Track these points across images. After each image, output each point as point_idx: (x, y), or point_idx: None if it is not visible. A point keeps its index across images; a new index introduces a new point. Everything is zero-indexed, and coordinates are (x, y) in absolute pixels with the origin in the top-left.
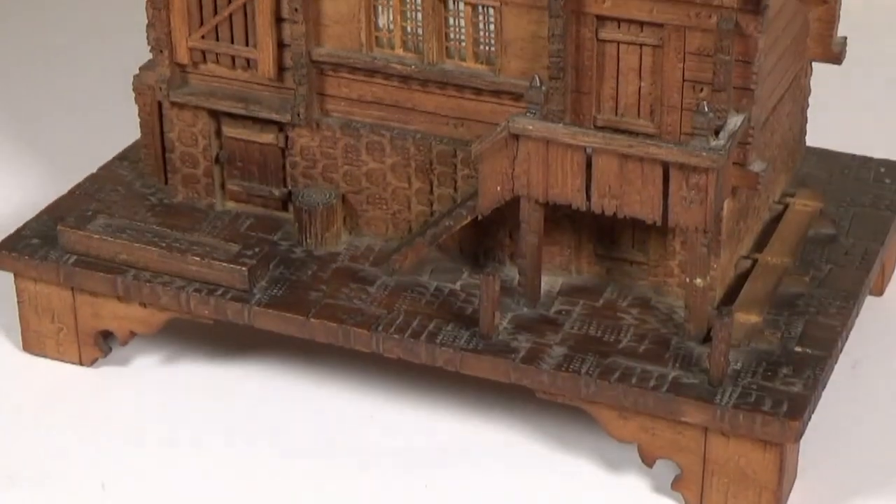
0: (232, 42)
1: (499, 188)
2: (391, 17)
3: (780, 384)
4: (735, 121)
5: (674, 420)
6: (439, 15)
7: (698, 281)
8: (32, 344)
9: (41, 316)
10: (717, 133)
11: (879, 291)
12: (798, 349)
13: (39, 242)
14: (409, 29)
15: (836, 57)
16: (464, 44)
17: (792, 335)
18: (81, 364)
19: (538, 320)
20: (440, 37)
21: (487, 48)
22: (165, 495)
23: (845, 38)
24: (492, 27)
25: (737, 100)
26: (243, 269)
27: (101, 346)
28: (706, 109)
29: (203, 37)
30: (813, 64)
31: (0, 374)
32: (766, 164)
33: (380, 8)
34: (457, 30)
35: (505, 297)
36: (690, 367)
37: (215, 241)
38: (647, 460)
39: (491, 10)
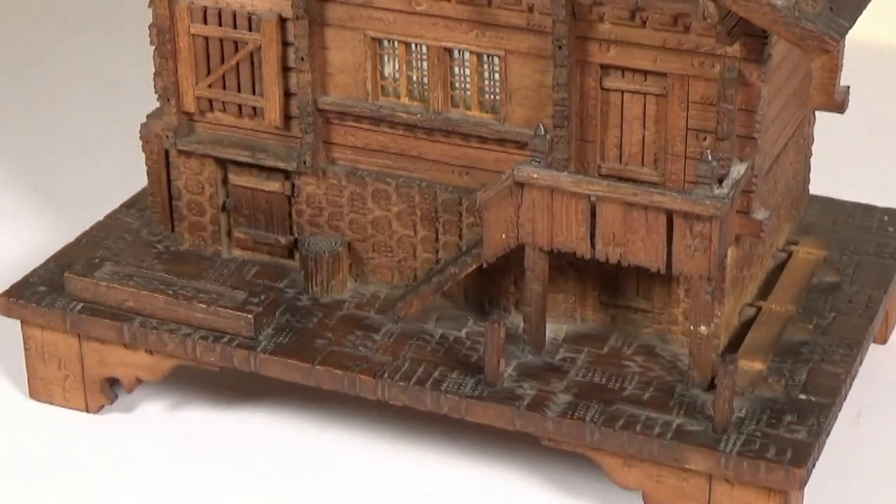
0: (238, 91)
1: (504, 236)
2: (397, 67)
3: (785, 431)
4: (738, 169)
5: (678, 467)
6: (444, 64)
7: (702, 328)
8: (39, 391)
9: (48, 363)
10: (720, 181)
11: (883, 339)
12: (802, 397)
13: (47, 290)
14: (414, 78)
15: (839, 106)
16: (469, 93)
17: (796, 383)
18: (88, 411)
19: (543, 368)
20: (445, 86)
21: (492, 97)
22: None
23: (848, 87)
24: (497, 76)
25: (740, 148)
26: (249, 316)
27: (107, 392)
28: (710, 158)
29: (210, 85)
30: (816, 112)
31: (7, 422)
32: (769, 212)
33: (385, 57)
34: (462, 79)
35: (510, 345)
36: (695, 415)
37: (221, 289)
38: None
39: (496, 59)
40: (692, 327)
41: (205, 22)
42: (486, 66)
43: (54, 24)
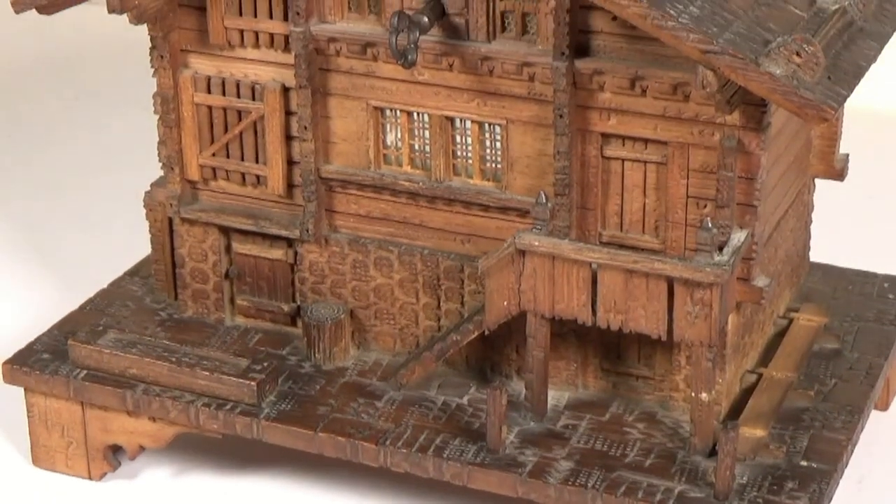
0: (242, 159)
1: (505, 303)
2: (399, 135)
3: (786, 498)
4: (739, 236)
5: None
6: (446, 133)
7: (704, 395)
8: (42, 458)
9: (51, 430)
10: (720, 248)
11: (884, 406)
12: (803, 463)
13: (50, 357)
14: (416, 146)
15: (838, 173)
16: (471, 161)
17: (797, 449)
18: (90, 478)
19: (545, 434)
20: (447, 154)
21: (494, 165)
22: None
23: (847, 154)
24: (498, 144)
25: (740, 216)
26: (252, 383)
27: (110, 460)
28: (710, 225)
29: (213, 154)
30: (816, 180)
31: (10, 489)
32: (769, 279)
33: (388, 126)
34: (464, 147)
35: (512, 412)
36: (696, 481)
37: (224, 356)
38: None
39: (497, 128)
40: (693, 394)
41: (208, 91)
42: (487, 135)
43: (58, 93)
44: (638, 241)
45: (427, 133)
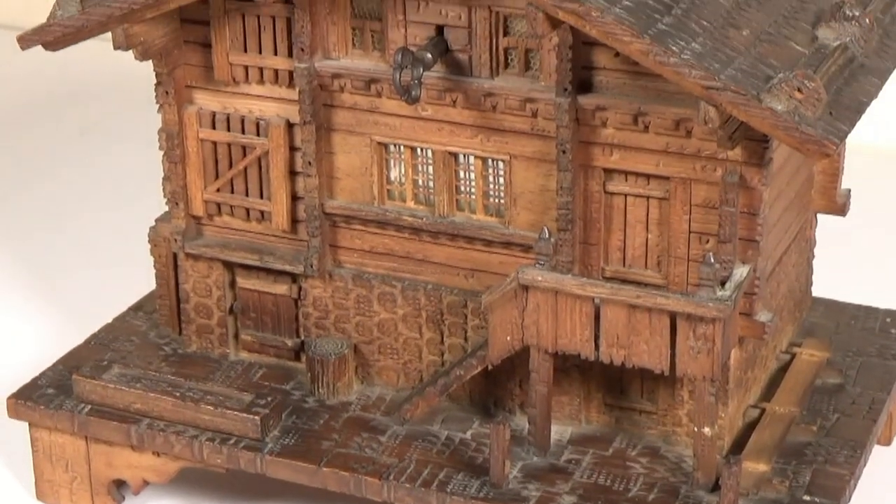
0: (246, 195)
1: (509, 338)
2: (403, 171)
3: None
4: (741, 271)
5: None
6: (450, 168)
7: (706, 430)
8: (46, 493)
9: (55, 465)
10: (723, 284)
11: (887, 441)
12: (806, 498)
13: (55, 392)
14: (420, 182)
15: (840, 209)
16: (474, 196)
17: (800, 484)
18: None
19: (548, 469)
20: (451, 189)
21: (497, 200)
22: None
23: (849, 190)
24: (501, 180)
25: (742, 251)
26: (256, 418)
27: (114, 495)
28: (712, 260)
29: (218, 189)
30: (818, 215)
31: None
32: (772, 314)
33: (392, 161)
34: (467, 183)
35: (515, 446)
36: None
37: (228, 391)
38: None
39: (500, 164)
40: (696, 429)
41: (213, 127)
42: (490, 170)
43: (64, 128)
44: (641, 276)
45: (430, 169)
